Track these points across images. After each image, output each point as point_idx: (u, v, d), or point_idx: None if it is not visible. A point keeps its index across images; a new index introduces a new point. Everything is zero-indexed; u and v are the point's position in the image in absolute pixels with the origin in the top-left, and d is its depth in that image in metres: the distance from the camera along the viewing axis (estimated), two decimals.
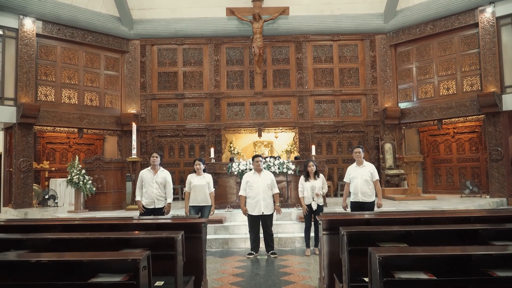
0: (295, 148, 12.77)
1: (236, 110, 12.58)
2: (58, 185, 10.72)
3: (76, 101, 11.61)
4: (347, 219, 4.05)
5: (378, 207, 6.24)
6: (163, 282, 3.34)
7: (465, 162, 12.01)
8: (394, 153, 12.02)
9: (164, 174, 6.20)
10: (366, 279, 3.32)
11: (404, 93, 12.43)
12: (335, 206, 8.82)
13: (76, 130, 11.60)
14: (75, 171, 8.64)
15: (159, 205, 6.08)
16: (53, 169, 11.82)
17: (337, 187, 12.27)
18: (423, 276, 2.21)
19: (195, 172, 6.46)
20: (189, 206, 6.33)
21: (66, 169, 8.94)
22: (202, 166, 6.39)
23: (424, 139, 12.83)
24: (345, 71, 12.64)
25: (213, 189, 6.48)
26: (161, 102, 12.58)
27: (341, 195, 11.66)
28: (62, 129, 11.44)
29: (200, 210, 6.33)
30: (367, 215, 4.47)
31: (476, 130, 11.77)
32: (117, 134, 12.43)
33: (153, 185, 6.08)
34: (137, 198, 6.12)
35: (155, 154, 6.20)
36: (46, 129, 11.10)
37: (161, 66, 12.68)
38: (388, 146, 12.09)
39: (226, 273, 5.35)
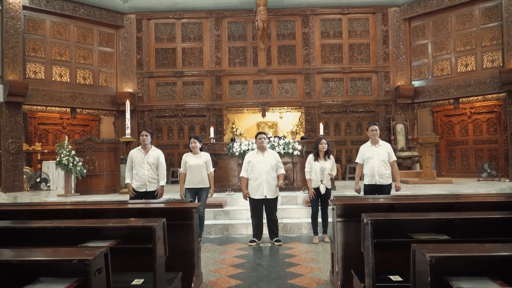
0: (301, 129, 12.08)
1: (238, 89, 11.85)
2: (51, 168, 10.13)
3: (68, 79, 10.92)
4: (366, 204, 3.39)
5: (397, 190, 5.64)
6: (142, 280, 2.72)
7: (481, 144, 11.28)
8: (407, 134, 11.30)
9: (157, 154, 5.56)
10: (394, 278, 2.68)
11: (418, 71, 11.62)
12: (345, 190, 8.16)
13: (68, 110, 10.95)
14: (64, 152, 8.02)
15: (151, 188, 5.46)
16: (45, 151, 11.24)
17: (345, 170, 11.60)
18: (492, 285, 1.57)
19: (191, 151, 5.82)
20: (185, 188, 5.70)
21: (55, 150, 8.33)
22: (198, 145, 5.73)
23: (438, 120, 12.07)
24: (355, 47, 11.83)
25: (212, 169, 5.84)
26: (159, 80, 11.87)
27: (350, 179, 11.02)
28: (54, 109, 10.80)
29: (197, 193, 5.70)
30: (389, 199, 3.81)
31: (495, 110, 11.00)
32: (113, 115, 11.78)
33: (144, 166, 5.45)
34: (127, 180, 5.50)
35: (144, 132, 5.55)
36: (37, 108, 10.46)
37: (158, 42, 11.93)
38: (400, 127, 11.35)
39: (224, 263, 4.73)
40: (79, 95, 10.95)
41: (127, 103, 8.16)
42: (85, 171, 8.00)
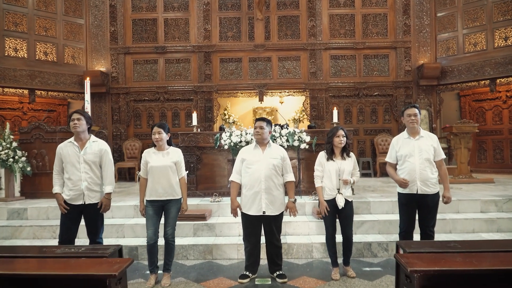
0: (305, 116, 10.27)
1: (231, 68, 9.97)
2: None
3: (26, 54, 9.05)
4: (480, 271, 1.58)
5: (446, 202, 3.92)
6: None
7: None
8: (431, 122, 9.52)
9: (98, 147, 3.76)
10: None
11: (445, 46, 9.76)
12: (365, 193, 6.33)
13: (26, 92, 9.09)
14: (4, 144, 6.20)
15: (91, 199, 3.68)
16: None
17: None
18: None
19: (154, 146, 3.99)
20: (146, 201, 3.90)
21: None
22: (165, 136, 3.91)
23: (466, 105, 10.26)
24: (369, 18, 9.94)
25: (184, 173, 4.02)
26: (137, 57, 9.96)
27: (364, 175, 9.24)
28: (9, 90, 8.96)
29: (164, 207, 3.89)
30: None
31: None
32: (83, 98, 9.88)
33: (80, 166, 3.65)
34: (55, 189, 3.69)
35: (76, 115, 3.75)
36: None
37: (136, 12, 10.00)
38: (423, 114, 9.54)
39: None
40: (39, 73, 9.10)
41: (87, 81, 6.41)
42: (29, 168, 6.17)
